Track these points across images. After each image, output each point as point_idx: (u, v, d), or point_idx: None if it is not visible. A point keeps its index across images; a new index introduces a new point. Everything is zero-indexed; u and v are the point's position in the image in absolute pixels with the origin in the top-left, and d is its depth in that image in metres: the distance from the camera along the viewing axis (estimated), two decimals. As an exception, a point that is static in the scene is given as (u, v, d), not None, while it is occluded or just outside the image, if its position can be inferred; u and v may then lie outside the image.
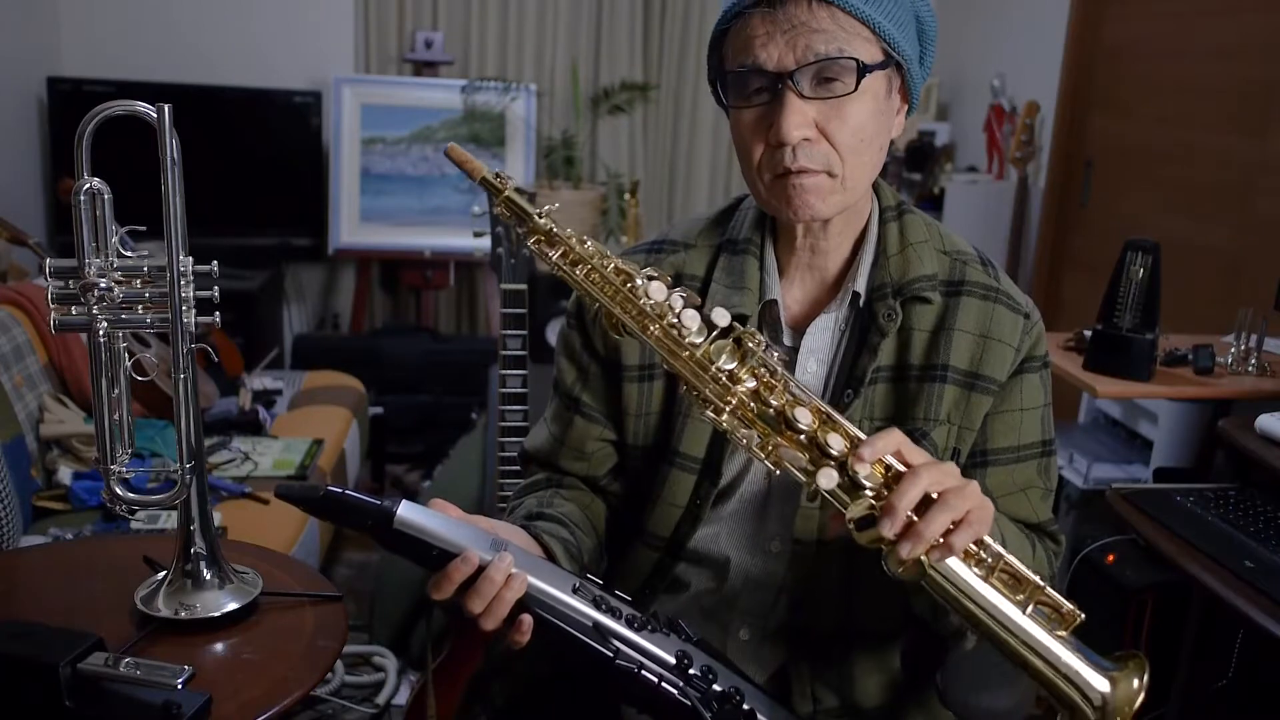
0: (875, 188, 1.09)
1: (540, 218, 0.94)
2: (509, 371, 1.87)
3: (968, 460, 1.08)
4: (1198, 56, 2.92)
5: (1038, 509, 1.10)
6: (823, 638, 1.10)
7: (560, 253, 0.95)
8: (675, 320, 0.92)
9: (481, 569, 0.87)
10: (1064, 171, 3.51)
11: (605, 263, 0.95)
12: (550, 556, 1.02)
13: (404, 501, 0.89)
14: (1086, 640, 0.91)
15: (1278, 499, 1.80)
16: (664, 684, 0.90)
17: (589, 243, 0.95)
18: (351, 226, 3.78)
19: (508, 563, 0.88)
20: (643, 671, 0.89)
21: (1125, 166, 3.23)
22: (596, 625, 0.90)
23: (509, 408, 1.87)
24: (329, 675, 2.19)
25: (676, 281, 1.10)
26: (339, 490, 0.89)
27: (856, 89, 0.94)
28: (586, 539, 1.09)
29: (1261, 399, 2.07)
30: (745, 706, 0.93)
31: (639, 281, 0.93)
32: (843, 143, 0.96)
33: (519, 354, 1.86)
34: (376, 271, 4.06)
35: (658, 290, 0.93)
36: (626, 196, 3.87)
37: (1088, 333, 2.20)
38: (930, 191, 3.89)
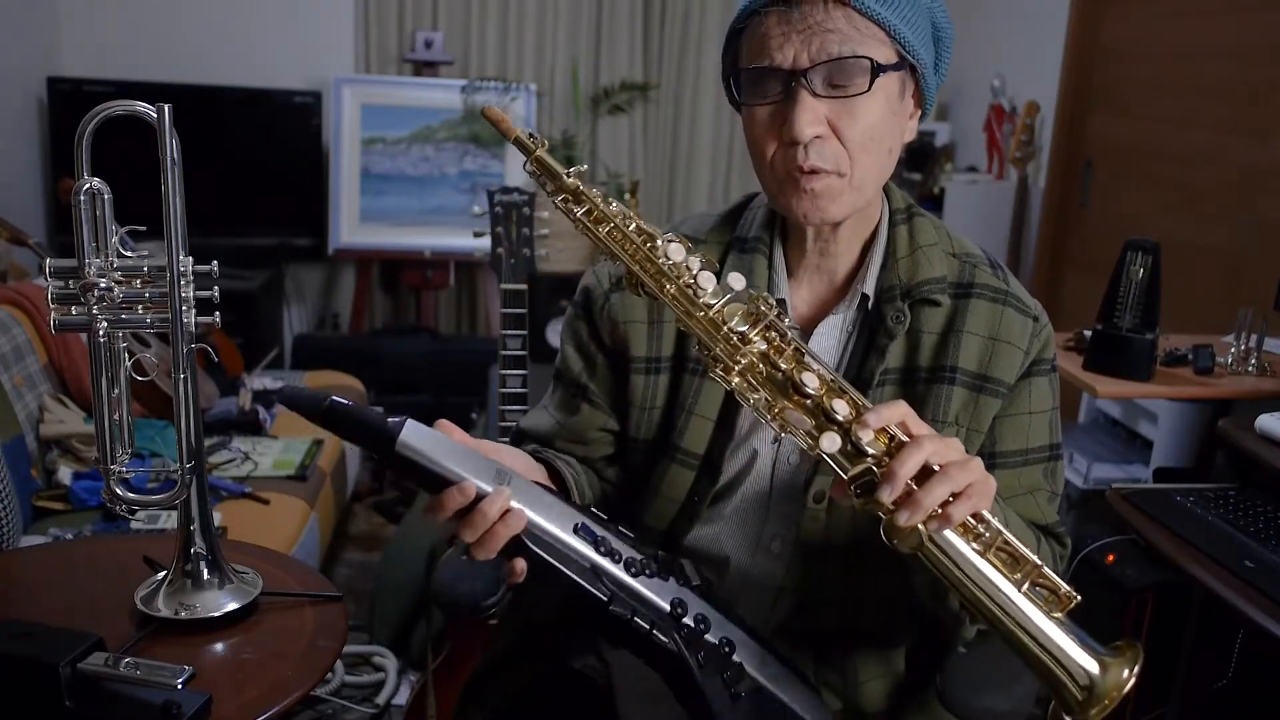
0: (885, 190, 1.09)
1: (569, 177, 0.95)
2: (509, 371, 1.87)
3: None
4: (1198, 56, 2.92)
5: (1044, 511, 1.10)
6: (827, 641, 1.10)
7: (585, 210, 0.96)
8: (691, 281, 0.93)
9: (479, 500, 0.87)
10: (1064, 171, 3.51)
11: (628, 222, 0.95)
12: (561, 480, 1.04)
13: (409, 422, 0.87)
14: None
15: (1278, 499, 1.79)
16: (655, 631, 0.90)
17: (614, 204, 0.96)
18: (351, 226, 3.78)
19: (505, 497, 0.87)
20: (635, 619, 0.90)
21: (1125, 166, 3.23)
22: (594, 568, 0.90)
23: (509, 408, 1.87)
24: (329, 675, 2.19)
25: None
26: (344, 402, 0.87)
27: (870, 89, 0.95)
28: (587, 487, 1.10)
29: (1261, 399, 2.07)
30: (735, 659, 0.94)
31: (659, 242, 0.94)
32: (853, 140, 0.97)
33: (519, 354, 1.86)
34: (376, 271, 4.06)
35: (676, 251, 0.94)
36: (626, 196, 3.87)
37: (1088, 333, 2.20)
38: (930, 191, 3.89)
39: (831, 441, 0.88)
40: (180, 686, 0.98)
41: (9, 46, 3.40)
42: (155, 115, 1.07)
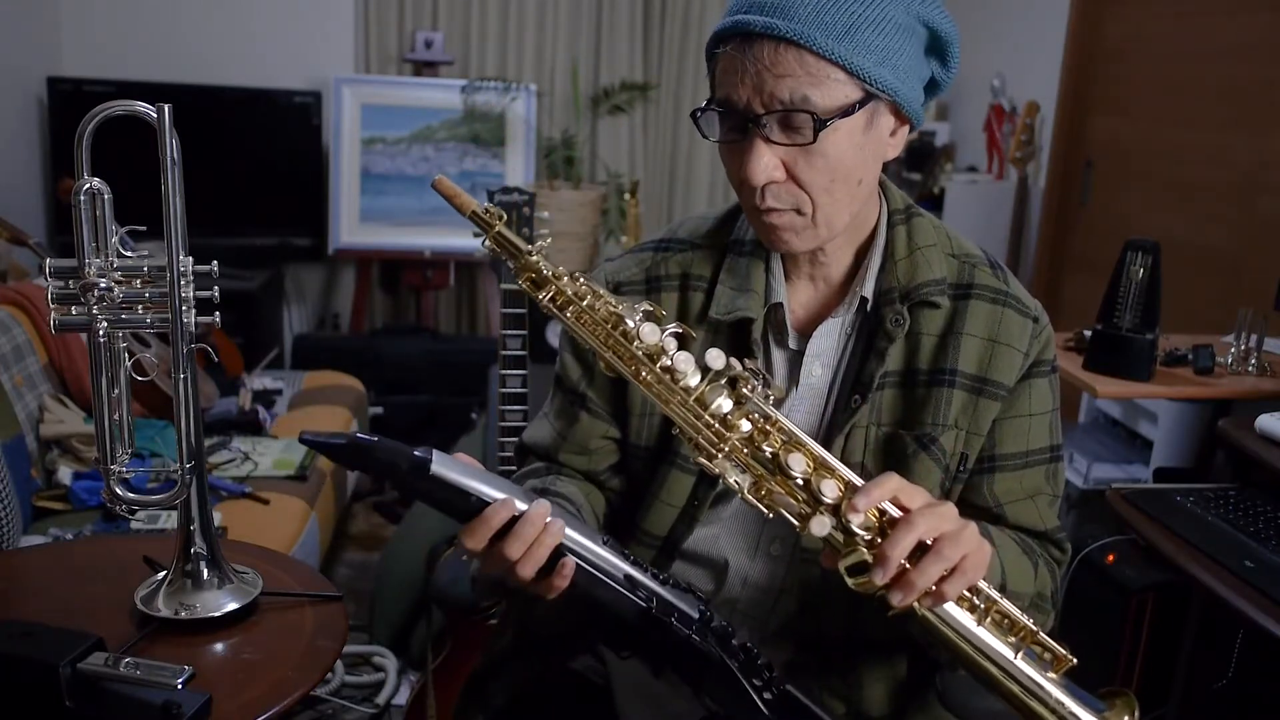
0: (884, 190, 1.08)
1: (531, 255, 0.94)
2: (509, 371, 1.87)
3: (975, 465, 1.07)
4: (1198, 56, 2.92)
5: (1045, 516, 1.10)
6: (829, 644, 1.10)
7: (549, 295, 0.94)
8: (669, 364, 0.92)
9: (519, 516, 0.87)
10: (1064, 171, 3.50)
11: (596, 303, 0.94)
12: None
13: (435, 452, 0.88)
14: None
15: (1278, 499, 1.79)
16: (694, 635, 0.91)
17: (580, 281, 0.95)
18: (351, 226, 3.78)
19: (545, 508, 0.88)
20: (674, 621, 0.90)
21: (1125, 166, 3.23)
22: (628, 577, 0.91)
23: (509, 408, 1.87)
24: (329, 675, 2.19)
25: (683, 281, 1.10)
26: (368, 439, 0.87)
27: (815, 140, 0.92)
28: (590, 518, 1.09)
29: (1261, 399, 2.07)
30: (761, 661, 0.95)
31: (630, 324, 0.92)
32: (811, 184, 0.96)
33: (519, 354, 1.86)
34: (376, 271, 4.06)
35: (650, 332, 0.92)
36: (626, 196, 3.87)
37: (1088, 333, 2.20)
38: (930, 191, 3.88)
39: (821, 525, 0.88)
40: (180, 686, 0.98)
41: (9, 46, 3.39)
42: (155, 115, 1.07)
